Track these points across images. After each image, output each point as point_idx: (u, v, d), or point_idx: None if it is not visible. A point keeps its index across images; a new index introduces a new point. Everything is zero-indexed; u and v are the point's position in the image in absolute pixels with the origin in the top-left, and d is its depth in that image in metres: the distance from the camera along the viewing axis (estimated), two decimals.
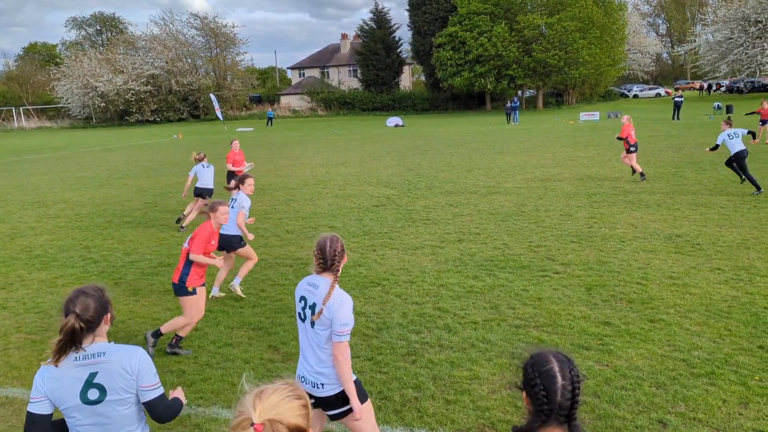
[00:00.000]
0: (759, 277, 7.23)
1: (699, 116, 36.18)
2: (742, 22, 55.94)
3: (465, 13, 53.01)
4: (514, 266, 8.20)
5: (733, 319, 6.02)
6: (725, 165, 13.43)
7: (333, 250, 3.37)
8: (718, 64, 58.97)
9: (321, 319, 3.30)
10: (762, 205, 11.11)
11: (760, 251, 8.25)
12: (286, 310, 6.86)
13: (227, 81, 66.08)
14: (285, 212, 12.79)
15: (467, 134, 31.92)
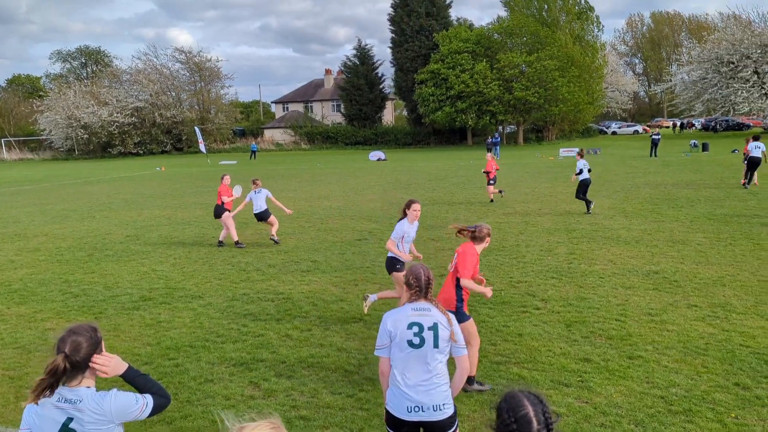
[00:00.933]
0: (735, 314, 7.36)
1: (676, 154, 37.00)
2: (715, 62, 57.73)
3: (447, 52, 54.11)
4: (494, 302, 8.26)
5: (710, 357, 6.12)
6: (576, 195, 15.60)
7: (428, 277, 3.64)
8: (694, 102, 60.59)
9: (443, 338, 3.51)
10: (737, 242, 11.36)
11: (735, 288, 8.42)
12: (268, 346, 6.84)
13: (211, 114, 66.33)
14: (267, 246, 12.79)
15: (449, 169, 32.26)
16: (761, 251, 10.53)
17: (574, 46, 55.79)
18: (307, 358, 6.44)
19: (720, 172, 24.53)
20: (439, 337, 3.51)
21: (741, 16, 61.14)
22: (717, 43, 57.67)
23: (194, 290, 9.37)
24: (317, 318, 7.81)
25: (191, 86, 67.76)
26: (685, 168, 26.97)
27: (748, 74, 55.16)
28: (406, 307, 3.61)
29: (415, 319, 3.52)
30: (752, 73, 55.25)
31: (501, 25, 56.86)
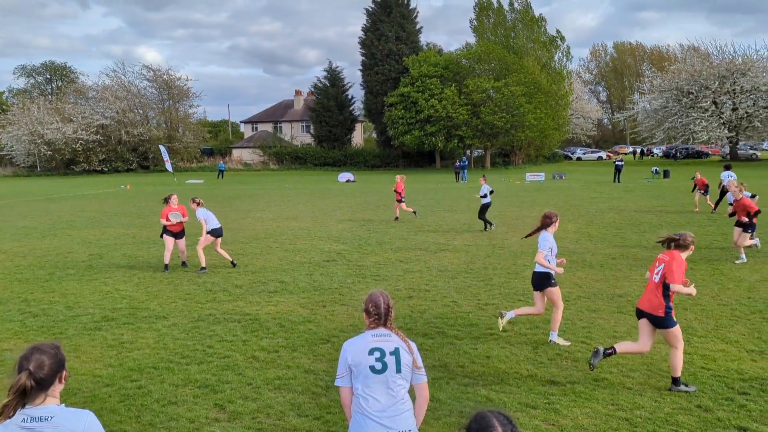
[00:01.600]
0: (696, 337, 7.53)
1: (638, 180, 37.93)
2: (675, 92, 59.66)
3: (416, 75, 54.82)
4: (463, 324, 8.30)
5: None
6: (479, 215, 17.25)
7: (387, 304, 3.63)
8: (655, 130, 62.37)
9: (406, 363, 3.50)
10: (698, 267, 11.65)
11: (696, 312, 8.61)
12: (234, 368, 6.72)
13: (179, 133, 65.69)
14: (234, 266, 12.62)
15: (417, 191, 32.46)
16: (720, 276, 10.82)
17: (540, 73, 57.10)
18: (274, 380, 6.35)
19: (681, 198, 25.22)
20: (401, 362, 3.50)
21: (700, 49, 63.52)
22: (677, 73, 59.69)
23: (158, 310, 9.18)
24: (284, 339, 7.72)
25: (159, 104, 67.13)
26: (648, 194, 27.66)
27: (707, 104, 57.11)
28: (366, 334, 3.59)
29: (376, 345, 3.51)
30: (711, 103, 57.23)
31: (469, 51, 57.97)
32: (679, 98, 59.35)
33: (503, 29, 61.86)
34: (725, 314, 8.44)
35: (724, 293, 9.58)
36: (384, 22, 59.86)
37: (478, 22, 62.99)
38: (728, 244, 14.01)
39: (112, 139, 61.40)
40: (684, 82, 58.58)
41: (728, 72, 56.82)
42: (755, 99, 55.83)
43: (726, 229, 16.32)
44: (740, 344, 7.21)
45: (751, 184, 31.13)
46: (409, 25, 61.30)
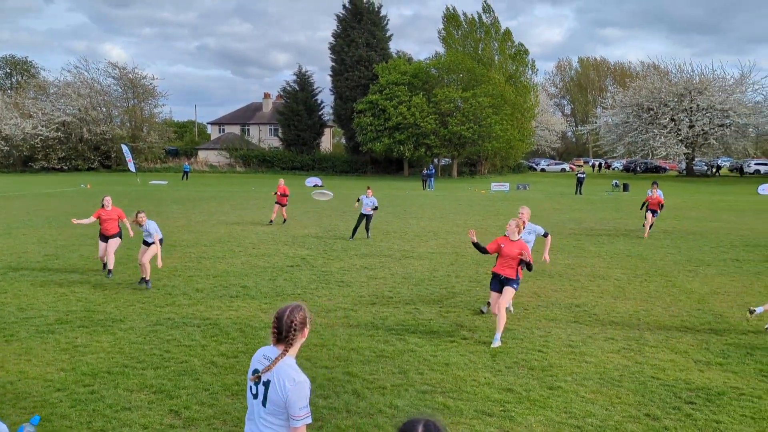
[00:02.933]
0: (648, 347, 7.75)
1: (599, 192, 38.78)
2: (636, 108, 61.30)
3: (385, 83, 55.07)
4: (424, 331, 8.37)
5: (624, 388, 6.40)
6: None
7: (290, 320, 3.09)
8: (616, 144, 63.93)
9: (275, 401, 3.03)
10: (652, 279, 11.98)
11: (649, 322, 8.86)
12: (191, 373, 6.65)
13: (143, 132, 64.51)
14: (196, 270, 12.48)
15: (384, 198, 32.56)
16: (673, 288, 11.16)
17: (507, 85, 57.98)
18: (232, 386, 6.31)
19: (639, 211, 25.86)
20: (269, 398, 3.05)
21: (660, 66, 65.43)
22: (638, 90, 61.36)
23: (115, 313, 9.02)
24: (244, 345, 7.67)
25: (123, 103, 65.89)
26: (607, 206, 28.31)
27: (666, 121, 58.80)
28: (264, 348, 3.24)
29: (258, 365, 3.14)
30: (669, 120, 58.94)
31: (438, 61, 58.51)
32: (639, 114, 61.01)
33: (472, 41, 62.68)
34: (676, 325, 8.71)
35: (675, 305, 9.88)
36: (354, 28, 60.02)
37: (447, 33, 63.69)
38: (683, 258, 14.45)
39: (73, 137, 59.99)
40: (644, 98, 60.27)
41: (686, 90, 58.64)
42: (711, 117, 57.73)
43: (680, 244, 16.82)
44: (689, 354, 7.45)
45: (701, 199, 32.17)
46: (379, 32, 61.58)
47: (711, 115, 57.74)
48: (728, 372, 6.87)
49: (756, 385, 6.49)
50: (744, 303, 10.01)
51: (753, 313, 8.78)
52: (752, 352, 7.54)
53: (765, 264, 13.57)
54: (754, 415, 5.73)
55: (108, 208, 12.10)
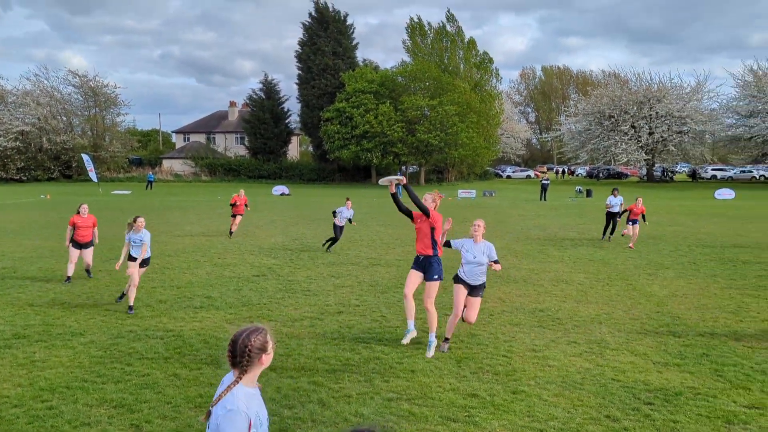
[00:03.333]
0: (609, 350, 7.91)
1: (563, 198, 39.46)
2: (598, 115, 62.69)
3: (352, 91, 55.20)
4: (390, 339, 8.40)
5: (585, 390, 6.52)
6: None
7: (244, 344, 2.85)
8: (579, 151, 65.23)
9: (210, 427, 2.78)
10: (613, 283, 12.24)
11: (610, 326, 9.05)
12: (153, 386, 6.55)
13: (105, 142, 63.31)
14: (159, 281, 12.29)
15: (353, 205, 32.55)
16: (633, 291, 11.42)
17: (472, 93, 58.70)
18: (195, 398, 6.23)
19: (601, 217, 26.37)
20: (209, 427, 2.81)
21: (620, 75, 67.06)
22: (600, 98, 62.79)
23: (75, 327, 8.82)
24: (208, 356, 7.59)
25: (84, 111, 64.64)
26: (571, 212, 28.82)
27: (627, 128, 60.26)
28: (230, 372, 2.97)
29: (218, 392, 2.92)
30: (630, 127, 60.43)
31: (405, 69, 58.94)
32: (601, 121, 62.41)
33: (437, 50, 63.34)
34: (636, 328, 8.91)
35: (635, 308, 10.11)
36: (321, 36, 60.08)
37: (412, 42, 64.24)
38: (643, 262, 14.81)
39: (33, 147, 58.59)
40: (606, 106, 61.70)
41: (645, 98, 60.25)
42: (669, 124, 59.40)
43: (641, 248, 17.22)
44: (648, 356, 7.63)
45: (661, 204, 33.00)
46: (345, 40, 61.77)
47: (669, 122, 59.40)
48: (685, 372, 7.06)
49: (711, 384, 6.68)
50: (701, 305, 10.30)
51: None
52: (708, 352, 7.76)
53: (721, 266, 13.99)
54: (709, 414, 5.89)
55: (84, 215, 12.17)
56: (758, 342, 8.19)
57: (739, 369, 7.12)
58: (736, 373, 6.97)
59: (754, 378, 6.83)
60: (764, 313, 9.70)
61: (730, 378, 6.84)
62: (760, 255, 15.65)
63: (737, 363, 7.33)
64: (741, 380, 6.76)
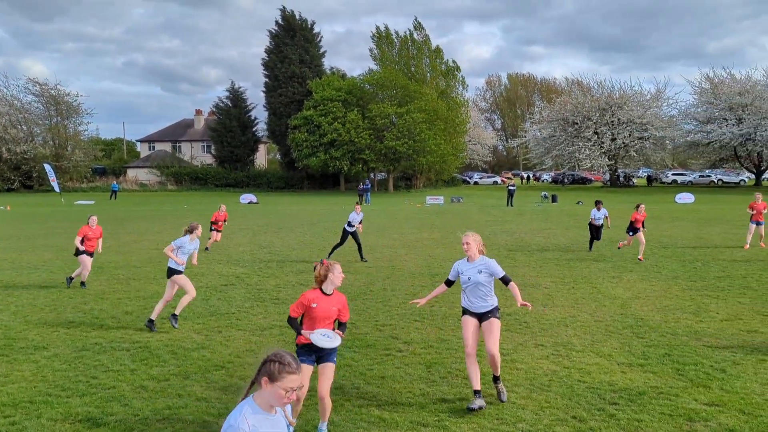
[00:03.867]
0: (575, 352, 8.06)
1: (529, 204, 40.02)
2: (562, 122, 63.89)
3: (320, 99, 55.17)
4: (360, 345, 8.41)
5: (552, 392, 6.64)
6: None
7: (262, 360, 2.87)
8: (544, 157, 66.32)
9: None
10: (579, 286, 12.48)
11: (575, 329, 9.23)
12: (120, 399, 6.44)
13: (68, 151, 61.94)
14: (125, 292, 12.08)
15: (321, 213, 32.52)
16: (598, 294, 11.66)
17: (439, 101, 59.22)
18: (163, 410, 6.15)
19: (567, 221, 26.89)
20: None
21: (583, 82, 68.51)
22: (563, 105, 64.01)
23: (38, 340, 8.62)
24: (176, 367, 7.50)
25: (46, 120, 63.19)
26: (537, 217, 29.25)
27: (590, 134, 61.50)
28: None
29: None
30: (593, 133, 61.68)
31: (372, 77, 59.16)
32: (565, 128, 63.61)
33: (404, 58, 63.77)
34: (600, 330, 9.10)
35: (600, 310, 10.33)
36: (288, 44, 59.96)
37: (379, 50, 64.55)
38: (607, 265, 15.12)
39: None
40: (569, 113, 62.94)
41: (607, 105, 61.63)
42: (630, 131, 60.84)
43: (605, 250, 17.58)
44: (613, 357, 7.80)
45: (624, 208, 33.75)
46: (312, 48, 61.76)
47: (631, 129, 60.83)
48: (648, 372, 7.24)
49: (673, 383, 6.86)
50: (663, 306, 10.57)
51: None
52: (670, 352, 7.97)
53: (682, 269, 14.38)
54: (671, 413, 6.06)
55: (93, 227, 12.53)
56: (717, 341, 8.45)
57: (699, 368, 7.33)
58: (697, 372, 7.18)
59: (713, 376, 7.04)
60: (723, 313, 10.01)
61: (691, 377, 7.04)
62: (719, 257, 16.13)
63: (698, 362, 7.55)
64: (701, 379, 6.96)
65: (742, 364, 7.43)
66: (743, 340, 8.45)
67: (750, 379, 6.93)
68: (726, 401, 6.29)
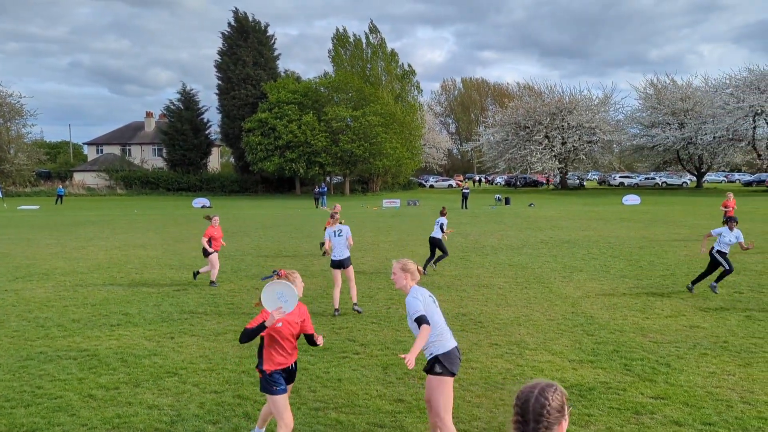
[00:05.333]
0: (527, 350, 8.23)
1: (483, 207, 40.61)
2: (514, 126, 65.13)
3: (275, 101, 54.72)
4: (316, 348, 8.36)
5: (506, 390, 6.76)
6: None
7: (540, 404, 2.28)
8: (498, 160, 67.43)
9: None
10: (531, 286, 12.73)
11: (528, 327, 9.42)
12: (67, 408, 6.24)
13: (10, 154, 59.67)
14: (71, 299, 11.71)
15: (277, 217, 32.23)
16: (550, 294, 11.92)
17: (395, 104, 59.54)
18: (113, 419, 5.99)
19: (519, 223, 27.38)
20: None
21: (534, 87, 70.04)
22: (516, 109, 65.31)
23: None
24: (126, 375, 7.31)
25: None
26: (491, 219, 29.71)
27: (541, 138, 62.90)
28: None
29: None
30: (544, 137, 63.10)
31: (328, 80, 59.03)
32: (517, 132, 64.87)
33: (360, 61, 63.87)
34: (552, 328, 9.31)
35: (552, 309, 10.57)
36: (241, 46, 59.29)
37: (336, 52, 64.48)
38: (558, 265, 15.47)
39: None
40: (521, 117, 64.25)
41: (558, 110, 63.18)
42: (580, 134, 62.51)
43: (556, 251, 17.99)
44: (564, 355, 7.99)
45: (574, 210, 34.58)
46: (266, 50, 61.24)
47: (580, 133, 62.50)
48: (598, 369, 7.44)
49: (621, 378, 7.08)
50: (611, 304, 10.89)
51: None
52: (618, 349, 8.21)
53: (629, 268, 14.83)
54: (620, 407, 6.25)
55: (216, 226, 13.22)
56: (662, 336, 8.76)
57: (645, 363, 7.58)
58: (643, 367, 7.43)
59: (659, 370, 7.29)
60: (667, 310, 10.38)
61: (638, 372, 7.27)
62: (664, 256, 16.70)
63: (644, 357, 7.80)
64: (647, 373, 7.20)
65: (686, 359, 7.72)
66: (686, 336, 8.78)
67: (693, 372, 7.21)
68: (671, 394, 6.53)
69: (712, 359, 7.69)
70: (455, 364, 5.01)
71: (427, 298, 5.04)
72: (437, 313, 5.03)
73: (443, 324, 5.06)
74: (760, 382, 6.86)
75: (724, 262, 11.56)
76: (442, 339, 5.00)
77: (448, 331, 5.11)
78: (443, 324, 5.06)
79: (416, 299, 4.92)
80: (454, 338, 5.17)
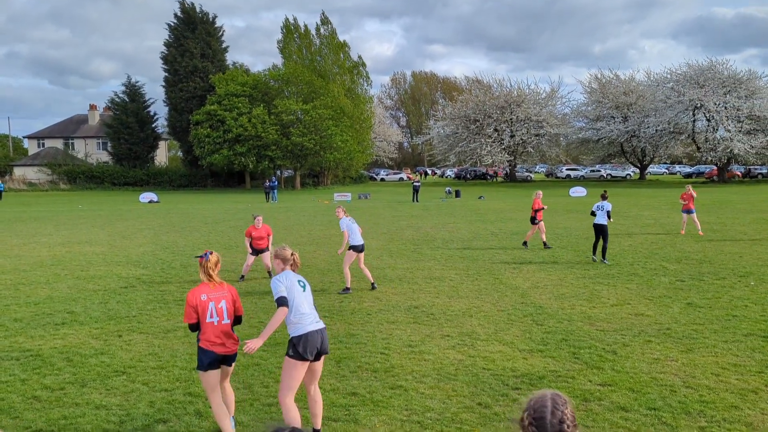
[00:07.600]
0: (479, 341, 8.37)
1: (434, 199, 40.98)
2: (464, 119, 65.88)
3: (224, 94, 53.75)
4: (268, 343, 8.28)
5: (459, 381, 6.87)
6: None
7: (559, 421, 2.22)
8: (448, 154, 68.11)
9: None
10: (482, 277, 12.94)
11: (480, 318, 9.58)
12: (9, 411, 6.01)
13: None
14: (13, 298, 11.25)
15: (226, 212, 31.72)
16: (500, 285, 12.15)
17: (345, 98, 59.32)
18: (58, 420, 5.81)
19: (470, 215, 27.77)
20: None
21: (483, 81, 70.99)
22: (465, 103, 66.04)
23: None
24: (72, 375, 7.09)
25: None
26: (442, 212, 30.01)
27: (490, 131, 63.83)
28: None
29: None
30: (493, 130, 64.06)
31: (278, 73, 58.31)
32: (467, 125, 65.65)
33: (310, 53, 63.32)
34: (503, 319, 9.50)
35: (502, 300, 10.78)
36: (188, 38, 57.93)
37: (285, 44, 63.74)
38: (508, 257, 15.77)
39: None
40: (471, 110, 65.05)
41: (506, 103, 64.24)
42: (528, 128, 63.76)
43: (506, 243, 18.33)
44: (515, 345, 8.17)
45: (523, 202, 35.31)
46: (214, 42, 60.03)
47: (528, 126, 63.75)
48: (548, 357, 7.64)
49: (570, 367, 7.29)
50: (560, 294, 11.18)
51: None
52: (567, 338, 8.45)
53: (576, 258, 15.25)
54: (569, 394, 6.42)
55: (258, 226, 13.23)
56: (609, 325, 9.05)
57: (593, 351, 7.83)
58: (591, 355, 7.67)
59: (606, 358, 7.54)
60: (613, 299, 10.73)
61: (586, 360, 7.50)
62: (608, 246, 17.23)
63: (591, 345, 8.06)
64: (595, 361, 7.44)
65: (631, 346, 8.01)
66: (631, 323, 9.11)
67: (638, 359, 7.49)
68: (617, 381, 6.76)
69: (656, 346, 8.00)
70: (309, 349, 5.18)
71: (295, 284, 5.29)
72: (302, 298, 5.25)
73: (308, 309, 5.28)
74: (701, 367, 7.18)
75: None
76: (302, 323, 5.21)
77: (312, 317, 5.30)
78: (308, 309, 5.28)
79: (279, 282, 5.23)
80: (322, 323, 5.39)
